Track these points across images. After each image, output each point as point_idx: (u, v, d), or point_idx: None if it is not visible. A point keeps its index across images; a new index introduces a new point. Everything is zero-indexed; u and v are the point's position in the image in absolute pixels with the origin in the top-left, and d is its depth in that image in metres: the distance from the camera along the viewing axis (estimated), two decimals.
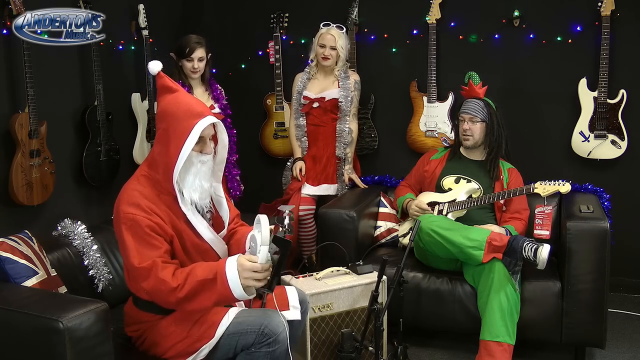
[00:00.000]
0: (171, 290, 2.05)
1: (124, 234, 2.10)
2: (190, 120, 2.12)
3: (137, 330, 2.27)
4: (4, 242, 2.31)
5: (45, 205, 3.19)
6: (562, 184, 3.06)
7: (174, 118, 2.14)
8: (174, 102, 2.17)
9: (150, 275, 2.05)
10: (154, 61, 2.23)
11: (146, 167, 2.23)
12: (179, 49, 3.44)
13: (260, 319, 2.15)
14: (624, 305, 3.71)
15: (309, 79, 3.84)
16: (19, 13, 2.91)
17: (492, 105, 3.33)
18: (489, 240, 2.89)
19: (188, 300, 2.06)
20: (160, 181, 2.17)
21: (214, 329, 2.15)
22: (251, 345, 2.14)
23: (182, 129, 2.11)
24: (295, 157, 3.87)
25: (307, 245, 3.85)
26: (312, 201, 3.80)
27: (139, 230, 2.08)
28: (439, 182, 3.41)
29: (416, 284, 3.12)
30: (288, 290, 2.40)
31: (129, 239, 2.09)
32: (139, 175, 2.22)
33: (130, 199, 2.13)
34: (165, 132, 2.15)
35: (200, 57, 3.44)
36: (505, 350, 2.83)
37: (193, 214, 2.22)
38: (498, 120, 3.32)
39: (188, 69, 3.46)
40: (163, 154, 2.15)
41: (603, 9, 3.58)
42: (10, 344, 2.00)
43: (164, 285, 2.05)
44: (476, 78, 3.34)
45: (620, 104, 3.64)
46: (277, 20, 4.26)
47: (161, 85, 2.23)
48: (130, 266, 2.10)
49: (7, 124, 3.00)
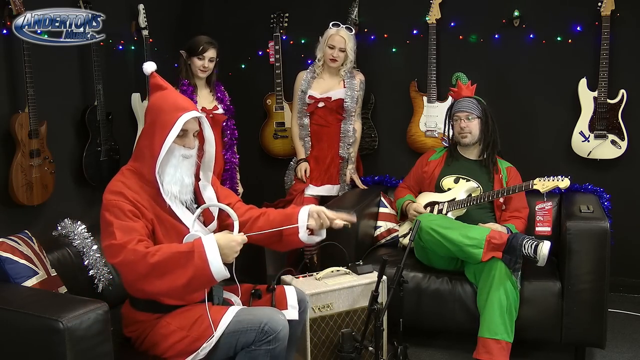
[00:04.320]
0: (142, 257, 2.02)
1: (106, 218, 2.14)
2: (175, 113, 2.19)
3: (136, 331, 2.27)
4: (4, 242, 2.31)
5: (45, 205, 3.19)
6: (561, 179, 3.07)
7: (160, 111, 2.22)
8: (162, 97, 2.26)
9: (123, 249, 2.05)
10: (149, 62, 2.33)
11: (132, 161, 2.30)
12: (192, 47, 3.45)
13: (261, 317, 2.16)
14: (624, 305, 3.71)
15: (313, 78, 3.82)
16: (19, 13, 2.91)
17: (483, 102, 3.35)
18: (488, 238, 2.90)
19: (159, 272, 2.01)
20: (144, 173, 2.23)
21: (215, 327, 2.15)
22: (251, 343, 2.15)
23: (167, 121, 2.19)
24: (299, 158, 3.86)
25: (309, 245, 3.84)
26: (314, 201, 3.79)
27: (120, 214, 2.12)
28: (438, 182, 3.41)
29: (416, 284, 3.12)
30: (287, 290, 2.42)
31: (110, 220, 2.12)
32: (124, 169, 2.28)
33: (113, 188, 2.19)
34: (152, 124, 2.22)
35: (211, 57, 3.46)
36: (503, 347, 2.84)
37: (177, 205, 2.25)
38: (491, 116, 3.34)
39: (197, 67, 3.45)
40: (147, 146, 2.22)
41: (603, 9, 3.58)
42: (10, 344, 2.00)
43: (134, 255, 2.03)
44: (464, 78, 3.36)
45: (620, 104, 3.64)
46: (277, 20, 4.26)
47: (153, 84, 2.31)
48: (107, 245, 2.12)
49: (7, 124, 3.00)
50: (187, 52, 3.48)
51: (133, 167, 2.26)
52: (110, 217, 2.12)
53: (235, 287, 2.44)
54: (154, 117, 2.22)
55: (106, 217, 2.14)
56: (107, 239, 2.12)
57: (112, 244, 2.08)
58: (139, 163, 2.25)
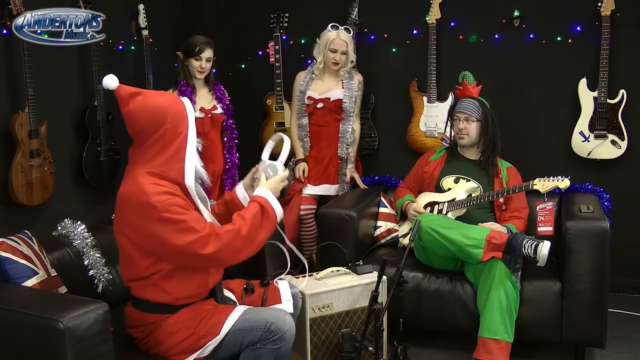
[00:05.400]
0: (236, 234, 2.14)
1: (171, 218, 2.06)
2: (179, 105, 2.20)
3: (143, 332, 2.27)
4: (4, 242, 2.31)
5: (45, 205, 3.19)
6: (561, 180, 3.07)
7: (162, 113, 2.15)
8: (148, 99, 2.17)
9: (214, 236, 2.11)
10: (110, 76, 2.18)
11: (145, 169, 2.16)
12: (188, 48, 3.45)
13: (267, 317, 2.18)
14: (624, 305, 3.71)
15: (312, 78, 3.81)
16: (19, 13, 2.91)
17: (486, 105, 3.34)
18: (488, 238, 2.90)
19: (251, 239, 2.18)
20: (170, 177, 2.16)
21: (220, 325, 2.16)
22: (257, 341, 2.16)
23: (179, 118, 2.18)
24: (298, 158, 3.87)
25: (307, 244, 3.85)
26: (312, 201, 3.80)
27: (182, 210, 2.10)
28: (438, 182, 3.41)
29: (416, 284, 3.12)
30: (280, 284, 2.45)
31: (179, 218, 2.07)
32: (142, 173, 2.14)
33: (156, 190, 2.09)
34: (160, 127, 2.14)
35: (208, 57, 3.46)
36: (503, 347, 2.84)
37: (197, 199, 2.26)
38: (492, 119, 3.33)
39: (195, 67, 3.46)
40: (169, 150, 2.16)
41: (603, 9, 3.58)
42: (10, 344, 2.00)
43: (228, 235, 2.13)
44: (470, 77, 3.34)
45: (620, 104, 3.64)
46: (277, 20, 4.26)
47: (126, 92, 2.18)
48: (193, 240, 2.08)
49: (7, 124, 3.00)
50: (184, 53, 3.48)
51: (154, 172, 2.14)
52: (177, 215, 2.07)
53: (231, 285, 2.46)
54: (159, 121, 2.14)
55: (170, 217, 2.06)
56: (188, 235, 2.07)
57: (200, 236, 2.08)
58: (163, 168, 2.15)
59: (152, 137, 2.15)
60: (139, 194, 2.09)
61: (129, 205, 2.13)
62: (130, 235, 2.16)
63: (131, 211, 2.12)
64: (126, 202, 2.15)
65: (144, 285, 2.20)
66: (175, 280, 2.19)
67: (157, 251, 2.14)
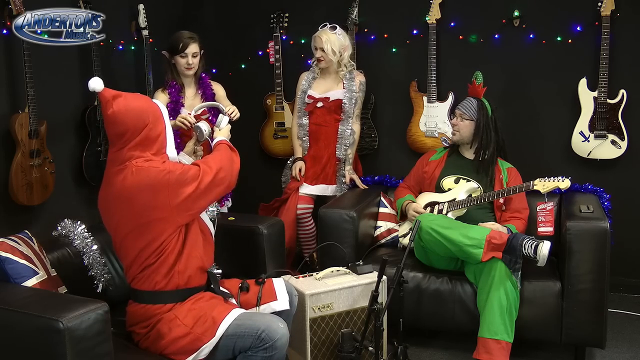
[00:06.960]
0: (219, 154, 2.42)
1: (170, 178, 2.19)
2: (159, 114, 2.32)
3: (146, 327, 2.28)
4: (4, 242, 2.31)
5: (45, 205, 3.19)
6: (561, 180, 3.07)
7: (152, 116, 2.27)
8: (129, 101, 2.24)
9: (206, 166, 2.30)
10: (95, 78, 2.21)
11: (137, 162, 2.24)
12: (172, 46, 3.35)
13: (259, 324, 2.17)
14: (624, 305, 3.71)
15: (314, 78, 3.82)
16: (19, 13, 2.91)
17: (487, 107, 3.33)
18: (488, 238, 2.90)
19: (230, 156, 2.44)
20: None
21: (215, 328, 2.17)
22: (248, 348, 2.16)
23: (159, 122, 2.30)
24: (296, 157, 3.87)
25: (306, 243, 3.85)
26: (309, 200, 3.80)
27: (177, 171, 2.23)
28: (438, 182, 3.41)
29: (416, 284, 3.12)
30: (275, 282, 2.46)
31: (177, 176, 2.20)
32: (138, 163, 2.23)
33: (156, 168, 2.22)
34: (144, 124, 2.24)
35: (194, 52, 3.35)
36: (503, 347, 2.84)
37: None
38: (488, 122, 3.31)
39: (182, 65, 3.36)
40: (152, 148, 2.26)
41: (603, 9, 3.58)
42: (10, 344, 2.00)
43: (226, 153, 2.44)
44: (479, 78, 3.35)
45: (620, 104, 3.64)
46: (277, 20, 4.26)
47: (110, 95, 2.22)
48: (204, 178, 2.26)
49: (7, 124, 3.01)
50: (169, 52, 3.39)
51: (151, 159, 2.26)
52: (174, 175, 2.20)
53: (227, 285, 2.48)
54: (143, 121, 2.22)
55: (168, 178, 2.19)
56: (191, 182, 2.22)
57: (204, 169, 2.27)
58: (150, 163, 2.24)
59: (137, 137, 2.22)
60: (156, 173, 2.19)
61: (144, 189, 2.18)
62: (137, 223, 2.21)
63: (147, 195, 2.18)
64: (136, 189, 2.18)
65: (147, 274, 2.24)
66: (177, 264, 2.25)
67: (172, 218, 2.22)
